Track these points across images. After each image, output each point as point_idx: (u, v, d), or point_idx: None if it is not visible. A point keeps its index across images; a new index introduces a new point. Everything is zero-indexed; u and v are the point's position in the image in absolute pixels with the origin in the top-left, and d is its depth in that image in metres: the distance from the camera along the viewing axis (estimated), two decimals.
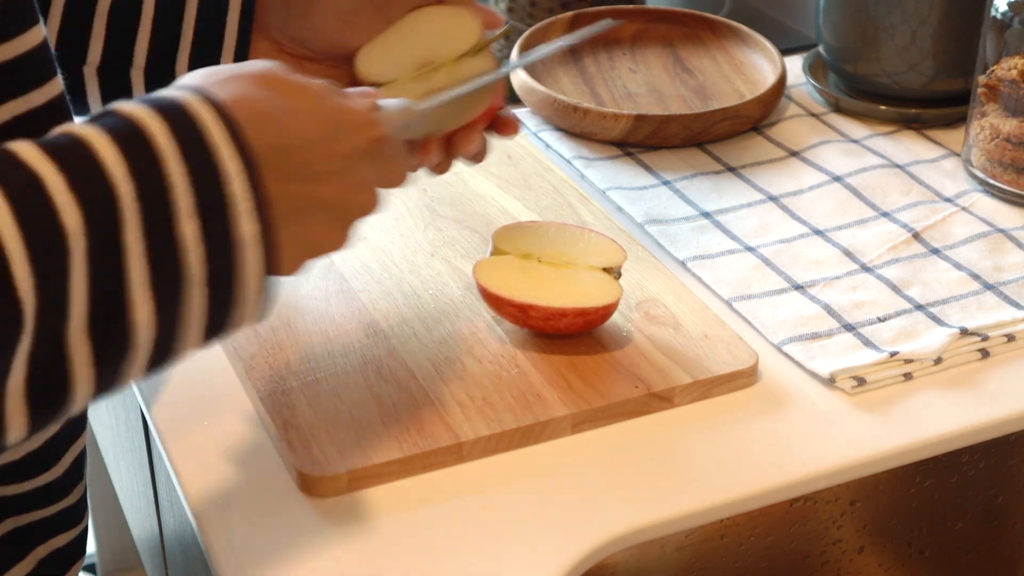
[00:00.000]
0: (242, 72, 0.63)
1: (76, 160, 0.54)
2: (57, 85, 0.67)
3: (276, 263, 0.60)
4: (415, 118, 0.72)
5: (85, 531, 0.81)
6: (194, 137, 0.57)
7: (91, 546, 1.79)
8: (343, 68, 0.82)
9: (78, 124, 0.56)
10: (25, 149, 0.54)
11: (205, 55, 0.83)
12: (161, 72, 0.83)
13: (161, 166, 0.55)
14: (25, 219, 0.52)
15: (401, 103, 0.72)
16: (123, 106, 0.57)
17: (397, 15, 0.81)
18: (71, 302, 0.54)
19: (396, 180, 0.70)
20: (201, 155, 0.56)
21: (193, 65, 0.83)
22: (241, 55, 0.83)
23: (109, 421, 1.16)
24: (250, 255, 0.58)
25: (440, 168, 0.80)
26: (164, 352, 0.58)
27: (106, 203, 0.54)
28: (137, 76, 0.83)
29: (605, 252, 0.84)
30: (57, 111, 0.66)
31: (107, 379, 0.57)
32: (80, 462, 0.77)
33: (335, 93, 0.66)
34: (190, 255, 0.56)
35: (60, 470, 0.74)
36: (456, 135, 0.78)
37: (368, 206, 0.67)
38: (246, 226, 0.58)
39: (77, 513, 0.78)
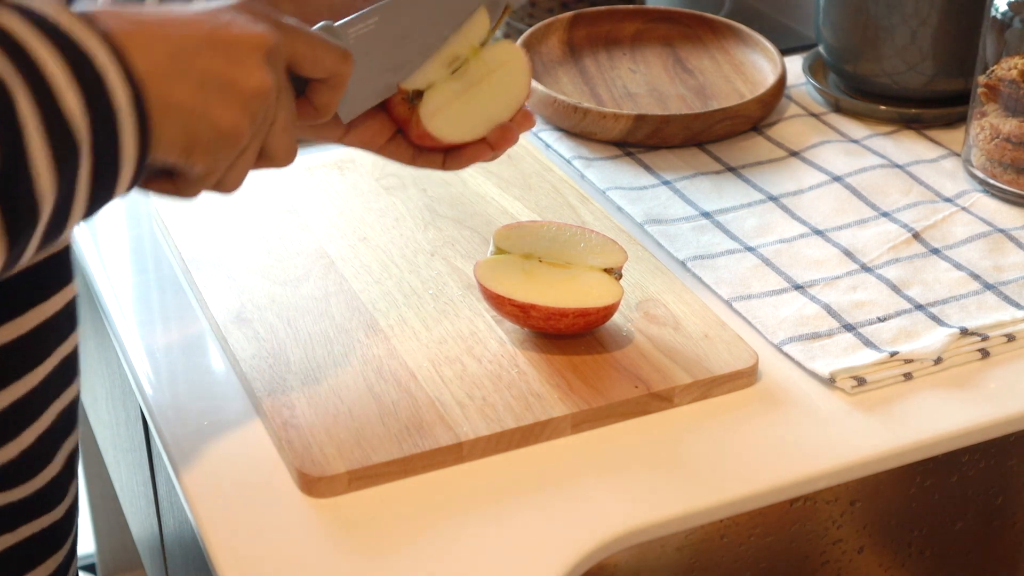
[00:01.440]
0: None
1: None
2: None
3: (153, 130, 0.63)
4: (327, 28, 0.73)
5: (74, 542, 0.80)
6: (50, 24, 0.59)
7: (91, 546, 1.79)
8: None
9: None
10: None
11: None
12: None
13: (26, 50, 0.58)
14: None
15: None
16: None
17: None
18: None
19: (311, 55, 0.70)
20: (58, 37, 0.59)
21: None
22: None
23: (109, 421, 1.16)
24: (126, 119, 0.61)
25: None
26: (58, 222, 0.61)
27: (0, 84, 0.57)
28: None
29: (606, 252, 0.84)
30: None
31: (14, 248, 0.59)
32: (64, 479, 0.76)
33: None
34: (78, 122, 0.59)
35: (41, 482, 0.74)
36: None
37: (248, 39, 0.66)
38: (120, 92, 0.60)
39: (65, 525, 0.78)
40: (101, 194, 0.62)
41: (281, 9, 0.81)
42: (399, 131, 0.80)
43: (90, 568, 1.83)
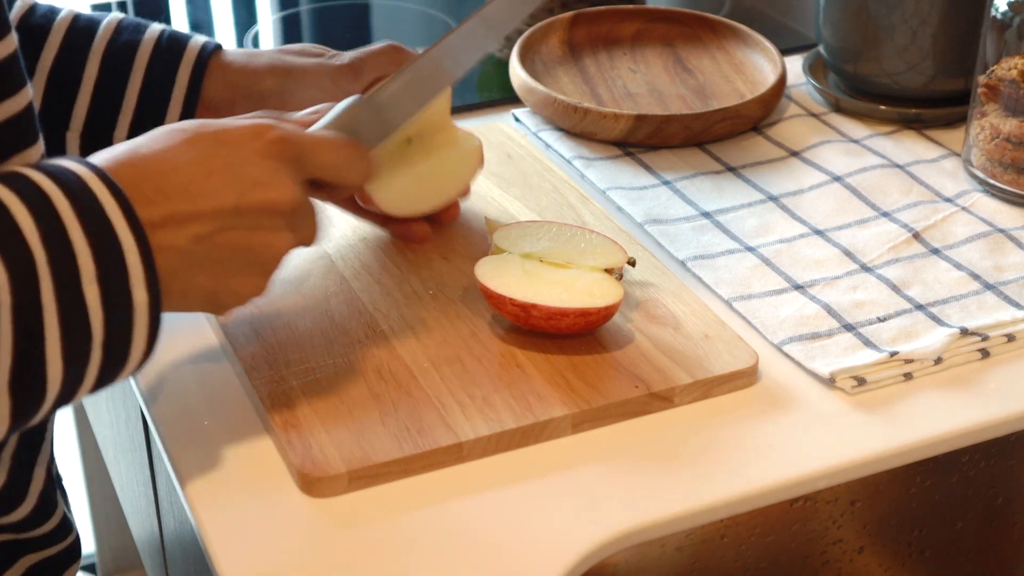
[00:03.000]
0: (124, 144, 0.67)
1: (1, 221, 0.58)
2: (26, 97, 0.68)
3: (169, 307, 0.65)
4: (364, 114, 0.76)
5: (77, 540, 0.81)
6: (91, 208, 0.60)
7: (91, 546, 1.79)
8: None
9: None
10: None
11: (147, 122, 0.86)
12: (97, 139, 0.86)
13: (68, 235, 0.59)
14: None
15: (347, 102, 0.76)
16: (29, 172, 0.60)
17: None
18: None
19: (333, 173, 0.72)
20: (99, 227, 0.60)
21: (133, 130, 0.86)
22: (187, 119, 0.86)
23: (109, 421, 1.16)
24: (140, 320, 0.62)
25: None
26: (60, 403, 0.61)
27: (26, 264, 0.57)
28: (72, 139, 0.85)
29: (606, 252, 0.84)
30: (23, 124, 0.68)
31: (14, 429, 0.60)
32: (47, 499, 0.77)
33: (223, 120, 0.69)
34: (93, 318, 0.60)
35: (27, 508, 0.75)
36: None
37: (275, 203, 0.67)
38: (139, 294, 0.61)
39: (63, 530, 0.78)
40: (110, 376, 0.63)
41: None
42: None
43: (90, 568, 1.83)
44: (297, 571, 0.68)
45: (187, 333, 0.85)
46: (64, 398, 0.61)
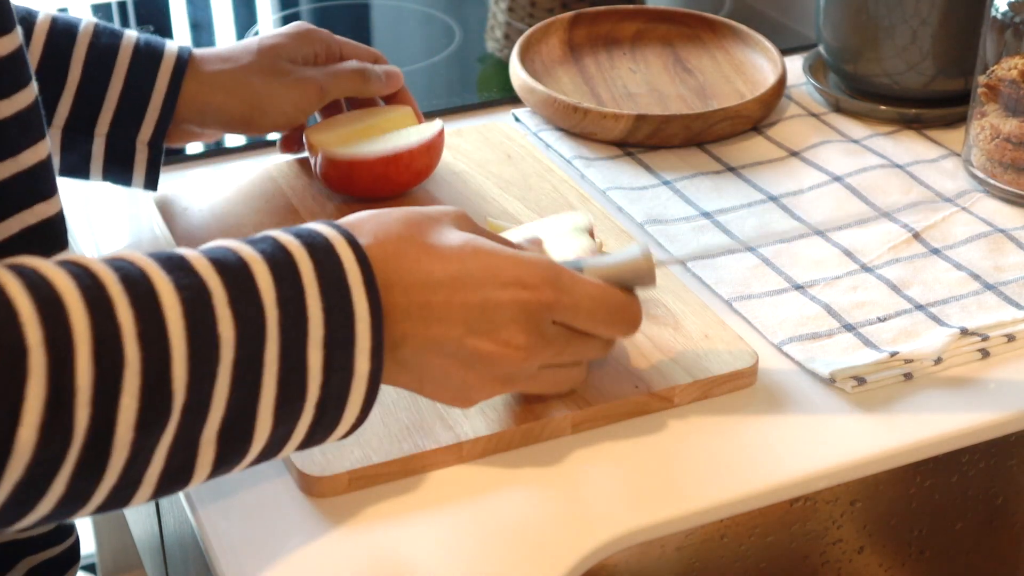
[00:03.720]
0: (399, 215, 0.67)
1: (238, 279, 0.59)
2: (32, 92, 0.68)
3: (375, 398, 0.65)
4: (633, 271, 0.73)
5: (77, 542, 0.81)
6: (334, 276, 0.61)
7: (91, 546, 1.79)
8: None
9: (239, 243, 0.61)
10: (196, 259, 0.59)
11: (126, 121, 0.89)
12: (78, 134, 0.89)
13: (304, 299, 0.60)
14: (191, 322, 0.56)
15: (634, 251, 0.73)
16: (280, 236, 0.62)
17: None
18: (212, 407, 0.58)
19: (592, 327, 0.70)
20: (338, 293, 0.61)
21: (112, 127, 0.89)
22: (163, 124, 0.90)
23: None
24: (358, 388, 0.63)
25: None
26: (262, 458, 0.62)
27: (256, 323, 0.58)
28: (55, 135, 0.87)
29: (408, 115, 0.96)
30: (31, 119, 0.68)
31: (214, 475, 0.61)
32: None
33: (502, 243, 0.69)
34: (311, 381, 0.61)
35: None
36: None
37: (496, 358, 0.67)
38: (362, 364, 0.62)
39: (63, 531, 0.78)
40: (318, 437, 0.64)
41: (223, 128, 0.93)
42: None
43: (90, 568, 1.83)
44: (297, 571, 0.68)
45: None
46: (267, 454, 0.62)
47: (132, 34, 0.91)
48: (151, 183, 0.92)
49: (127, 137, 0.89)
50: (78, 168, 0.90)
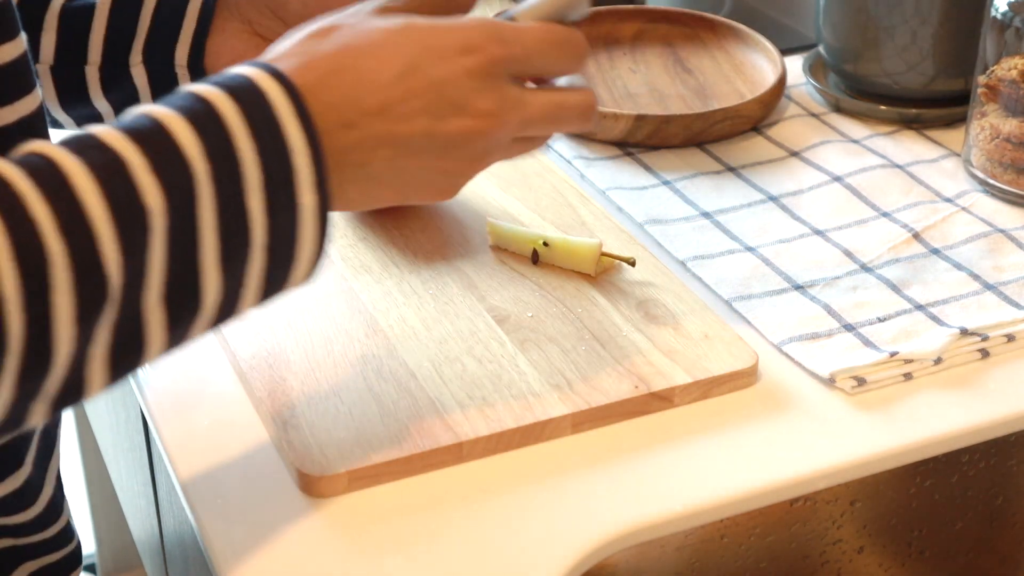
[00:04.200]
0: (315, 29, 0.63)
1: (156, 142, 0.56)
2: (36, 98, 0.67)
3: (328, 231, 0.62)
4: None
5: (78, 547, 0.81)
6: (263, 114, 0.58)
7: (91, 546, 1.79)
8: None
9: (156, 106, 0.58)
10: (107, 133, 0.56)
11: (159, 49, 0.84)
12: (116, 67, 0.84)
13: (233, 145, 0.57)
14: (112, 200, 0.54)
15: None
16: (197, 88, 0.59)
17: None
18: (150, 274, 0.56)
19: (547, 69, 0.67)
20: (269, 131, 0.58)
21: (147, 58, 0.84)
22: (197, 50, 0.83)
23: (109, 421, 1.16)
24: (308, 223, 0.60)
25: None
26: (225, 312, 0.60)
27: (184, 183, 0.56)
28: (92, 72, 0.83)
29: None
30: (35, 124, 0.67)
31: (175, 340, 0.59)
32: (56, 503, 0.77)
33: (429, 20, 0.64)
34: (255, 226, 0.58)
35: (38, 510, 0.75)
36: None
37: (472, 133, 0.64)
38: (306, 197, 0.59)
39: (65, 537, 0.79)
40: (278, 280, 0.61)
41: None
42: None
43: (90, 568, 1.83)
44: (297, 571, 0.68)
45: None
46: (226, 309, 0.60)
47: None
48: None
49: (166, 61, 0.84)
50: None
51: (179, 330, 0.59)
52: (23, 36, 0.66)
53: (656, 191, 1.00)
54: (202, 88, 0.59)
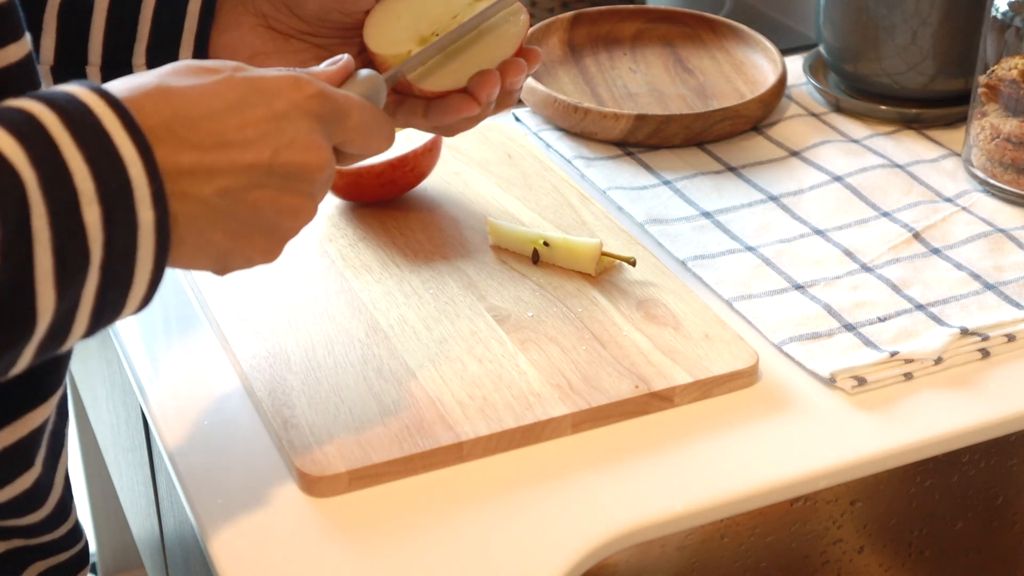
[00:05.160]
0: (149, 72, 0.62)
1: None
2: None
3: (170, 250, 0.60)
4: (376, 85, 0.72)
5: (86, 547, 0.81)
6: (86, 122, 0.56)
7: (92, 546, 1.79)
8: (350, 41, 0.81)
9: None
10: None
11: (162, 48, 0.82)
12: (118, 68, 0.83)
13: (59, 153, 0.55)
14: None
15: (367, 72, 0.72)
16: (14, 101, 0.57)
17: None
18: None
19: (361, 140, 0.68)
20: (97, 141, 0.56)
21: (150, 59, 0.83)
22: (201, 47, 0.82)
23: (109, 421, 1.16)
24: (144, 240, 0.58)
25: (468, 122, 0.78)
26: (55, 337, 0.58)
27: (14, 192, 0.53)
28: (93, 73, 0.83)
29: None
30: None
31: (2, 366, 0.56)
32: (64, 503, 0.77)
33: (254, 69, 0.65)
34: (91, 241, 0.56)
35: (47, 510, 0.75)
36: (476, 82, 0.76)
37: (310, 166, 0.64)
38: (144, 212, 0.57)
39: (74, 536, 0.79)
40: (112, 302, 0.59)
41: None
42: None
43: (91, 568, 1.83)
44: (297, 571, 0.68)
45: (187, 333, 0.85)
46: (61, 329, 0.57)
47: None
48: None
49: (170, 61, 0.80)
50: None
51: (7, 356, 0.56)
52: (28, 37, 0.66)
53: (656, 191, 1.00)
54: (17, 100, 0.56)
